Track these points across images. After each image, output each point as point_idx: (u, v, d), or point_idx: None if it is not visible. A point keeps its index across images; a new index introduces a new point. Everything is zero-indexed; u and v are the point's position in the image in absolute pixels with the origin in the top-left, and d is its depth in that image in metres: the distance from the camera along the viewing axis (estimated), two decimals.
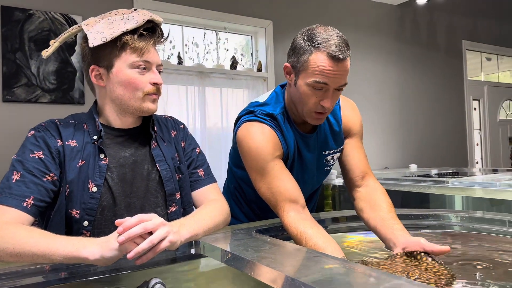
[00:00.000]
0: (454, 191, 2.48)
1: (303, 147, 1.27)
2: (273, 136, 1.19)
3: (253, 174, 1.19)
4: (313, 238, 1.03)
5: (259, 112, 1.21)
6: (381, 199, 1.21)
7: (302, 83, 1.14)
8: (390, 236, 1.08)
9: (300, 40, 1.14)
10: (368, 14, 4.24)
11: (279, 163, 1.18)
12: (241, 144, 1.20)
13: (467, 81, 5.07)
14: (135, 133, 1.19)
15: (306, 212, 1.14)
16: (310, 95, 1.14)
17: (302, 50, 1.12)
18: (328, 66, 1.08)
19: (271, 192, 1.15)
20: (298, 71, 1.15)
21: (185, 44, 3.23)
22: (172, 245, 0.92)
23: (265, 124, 1.19)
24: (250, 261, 0.83)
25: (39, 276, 0.93)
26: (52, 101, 2.55)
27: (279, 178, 1.15)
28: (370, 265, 0.95)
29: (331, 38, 1.10)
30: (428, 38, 4.75)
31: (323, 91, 1.12)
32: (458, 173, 3.79)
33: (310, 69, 1.11)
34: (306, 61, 1.11)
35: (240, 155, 1.22)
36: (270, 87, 3.48)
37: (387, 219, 1.13)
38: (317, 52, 1.09)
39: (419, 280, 0.86)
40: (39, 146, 1.07)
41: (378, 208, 1.18)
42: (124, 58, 1.10)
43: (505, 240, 1.19)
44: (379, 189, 1.26)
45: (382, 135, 4.27)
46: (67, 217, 1.08)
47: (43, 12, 2.54)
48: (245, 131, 1.19)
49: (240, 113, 1.27)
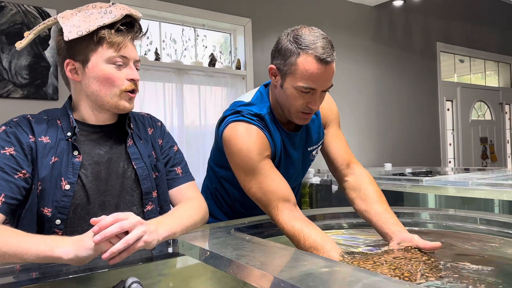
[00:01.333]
0: (428, 189, 2.54)
1: (289, 145, 1.27)
2: (261, 136, 1.18)
3: (242, 174, 1.17)
4: (312, 235, 1.04)
5: (246, 112, 1.20)
6: (370, 188, 1.23)
7: (289, 86, 1.14)
8: (387, 230, 1.12)
9: (286, 41, 1.13)
10: (345, 15, 4.28)
11: (269, 163, 1.17)
12: (228, 144, 1.18)
13: (441, 82, 5.19)
14: (111, 130, 1.17)
15: (298, 210, 1.15)
16: (297, 97, 1.14)
17: (289, 52, 1.11)
18: (316, 70, 1.09)
19: (263, 191, 1.14)
20: (284, 73, 1.14)
21: (163, 40, 3.19)
22: (148, 244, 0.90)
23: (253, 124, 1.18)
24: (229, 259, 0.82)
25: (9, 276, 0.90)
26: (24, 96, 2.48)
27: (270, 177, 1.15)
28: (365, 257, 0.97)
29: (317, 40, 1.10)
30: (404, 39, 4.85)
31: (310, 94, 1.13)
32: (431, 172, 3.89)
33: (298, 73, 1.10)
34: (293, 64, 1.10)
35: (227, 156, 1.21)
36: (248, 85, 3.48)
37: (382, 213, 1.16)
38: (304, 55, 1.09)
39: (407, 268, 0.89)
40: (10, 142, 1.03)
41: (369, 199, 1.21)
42: (101, 53, 1.07)
43: (476, 238, 1.23)
44: (366, 176, 1.28)
45: (358, 134, 4.33)
46: (39, 216, 1.05)
47: (15, 5, 2.46)
48: (233, 131, 1.17)
49: (225, 113, 1.25)
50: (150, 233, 0.91)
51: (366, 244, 1.21)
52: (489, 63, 6.01)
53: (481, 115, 5.80)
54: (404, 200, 3.04)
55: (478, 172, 3.17)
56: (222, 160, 1.31)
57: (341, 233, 1.36)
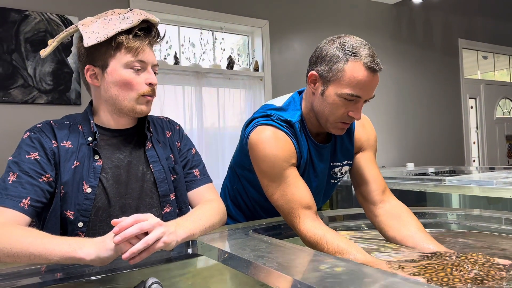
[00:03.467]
0: (451, 189, 2.49)
1: (316, 157, 1.24)
2: (289, 143, 1.15)
3: (265, 180, 1.15)
4: (335, 241, 1.02)
5: (276, 117, 1.17)
6: (409, 218, 1.17)
7: (333, 93, 1.10)
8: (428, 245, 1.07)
9: (332, 48, 1.10)
10: (364, 13, 4.25)
11: (294, 171, 1.15)
12: (254, 148, 1.15)
13: (464, 80, 5.08)
14: (130, 134, 1.19)
15: (319, 219, 1.13)
16: (340, 105, 1.11)
17: (336, 58, 1.08)
18: (364, 78, 1.06)
19: (286, 199, 1.12)
20: (328, 80, 1.11)
21: (182, 44, 3.23)
22: (167, 245, 0.92)
23: (281, 130, 1.15)
24: (246, 260, 0.83)
25: (35, 277, 0.93)
26: (48, 102, 2.55)
27: (294, 185, 1.12)
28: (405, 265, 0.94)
29: (364, 48, 1.08)
30: (424, 37, 4.77)
31: (354, 102, 1.10)
32: (455, 171, 3.80)
33: (344, 79, 1.07)
34: (340, 70, 1.08)
35: (252, 160, 1.18)
36: (267, 87, 3.48)
37: (424, 240, 1.09)
38: (353, 62, 1.06)
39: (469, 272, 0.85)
40: (34, 147, 1.07)
41: (410, 225, 1.14)
42: (119, 58, 1.10)
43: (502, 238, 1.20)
44: (404, 207, 1.21)
45: (379, 134, 4.27)
46: (62, 218, 1.08)
47: (39, 13, 2.54)
48: (260, 135, 1.14)
49: (255, 115, 1.21)
50: (169, 234, 0.93)
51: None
52: None
53: (506, 112, 5.65)
54: (427, 200, 2.99)
55: (504, 171, 3.08)
56: (244, 161, 1.29)
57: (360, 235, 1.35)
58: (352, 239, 1.20)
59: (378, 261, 0.96)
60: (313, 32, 3.76)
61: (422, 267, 0.90)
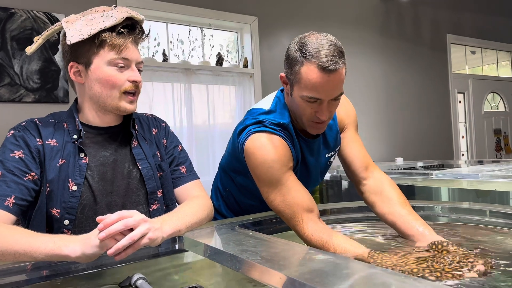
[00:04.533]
0: (438, 183, 2.52)
1: (307, 151, 1.25)
2: (285, 147, 1.15)
3: (265, 187, 1.14)
4: (341, 244, 1.02)
5: (268, 122, 1.16)
6: (391, 192, 1.21)
7: (297, 95, 1.11)
8: (414, 232, 1.09)
9: (293, 49, 1.10)
10: (352, 9, 4.26)
11: (292, 175, 1.15)
12: (251, 156, 1.14)
13: (452, 75, 5.13)
14: (115, 132, 1.19)
15: (322, 222, 1.13)
16: (304, 107, 1.11)
17: (294, 61, 1.09)
18: (319, 79, 1.04)
19: (286, 204, 1.11)
20: (292, 82, 1.12)
21: (170, 41, 3.22)
22: (152, 241, 0.92)
23: (276, 134, 1.15)
24: (231, 254, 0.84)
25: (21, 274, 0.93)
26: (36, 100, 2.53)
27: (294, 189, 1.12)
28: (387, 254, 0.96)
29: (322, 48, 1.05)
30: (413, 32, 4.80)
31: (317, 103, 1.10)
32: (443, 165, 3.84)
33: (302, 82, 1.07)
34: (298, 73, 1.08)
35: (249, 167, 1.17)
36: (256, 83, 3.49)
37: (405, 215, 1.13)
38: (307, 63, 1.05)
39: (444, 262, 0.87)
40: (19, 146, 1.06)
41: (391, 201, 1.18)
42: (102, 55, 1.10)
43: (481, 229, 1.22)
44: (386, 180, 1.25)
45: (368, 129, 4.31)
46: (48, 216, 1.08)
47: (25, 11, 2.52)
48: (256, 143, 1.13)
49: (246, 122, 1.20)
50: (155, 231, 0.93)
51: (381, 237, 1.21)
52: (501, 54, 5.91)
53: (494, 106, 5.72)
54: (416, 194, 3.02)
55: (492, 164, 3.12)
56: (238, 166, 1.29)
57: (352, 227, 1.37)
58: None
59: (362, 255, 0.97)
60: (302, 28, 3.77)
61: (404, 258, 0.92)
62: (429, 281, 0.69)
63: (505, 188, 2.23)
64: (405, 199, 1.19)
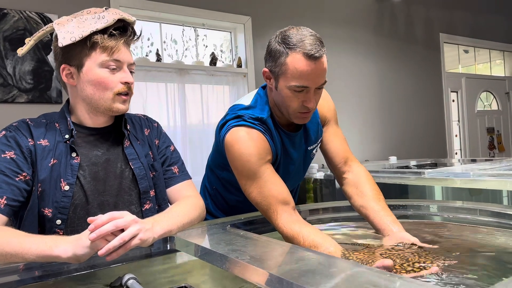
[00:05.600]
0: (431, 181, 2.53)
1: (289, 146, 1.28)
2: (263, 140, 1.18)
3: (243, 179, 1.18)
4: (310, 235, 1.05)
5: (247, 117, 1.20)
6: (367, 186, 1.26)
7: (283, 86, 1.14)
8: (384, 227, 1.14)
9: (275, 43, 1.15)
10: (345, 8, 4.28)
11: (270, 167, 1.18)
12: (230, 149, 1.18)
13: (445, 74, 5.16)
14: (107, 132, 1.20)
15: (297, 214, 1.16)
16: (292, 97, 1.14)
17: (278, 53, 1.13)
18: (306, 67, 1.09)
19: (263, 196, 1.14)
20: (277, 75, 1.15)
21: (164, 41, 3.22)
22: (143, 242, 0.93)
23: (255, 128, 1.18)
24: (221, 254, 0.85)
25: (13, 275, 0.93)
26: (29, 100, 2.53)
27: (271, 181, 1.15)
28: (368, 251, 0.99)
29: (305, 38, 1.10)
30: (406, 31, 4.82)
31: (304, 92, 1.13)
32: (436, 164, 3.86)
33: (289, 72, 1.11)
34: (283, 64, 1.12)
35: (229, 161, 1.21)
36: (250, 83, 3.50)
37: (379, 210, 1.19)
38: (292, 53, 1.10)
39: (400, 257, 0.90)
40: (10, 146, 1.07)
41: (367, 196, 1.23)
42: (94, 57, 1.10)
43: (471, 229, 1.24)
44: (363, 173, 1.31)
45: (362, 128, 4.33)
46: (40, 216, 1.08)
47: (17, 11, 2.51)
48: (235, 136, 1.17)
49: (226, 117, 1.25)
50: (146, 231, 0.94)
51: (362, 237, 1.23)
52: (494, 53, 5.95)
53: (487, 105, 5.76)
54: (409, 193, 3.03)
55: (484, 162, 3.14)
56: (222, 162, 1.32)
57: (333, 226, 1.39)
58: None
59: (337, 252, 1.00)
60: None
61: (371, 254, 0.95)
62: (419, 281, 0.71)
63: (498, 186, 2.25)
64: (379, 194, 1.25)
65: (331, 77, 4.19)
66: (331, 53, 4.07)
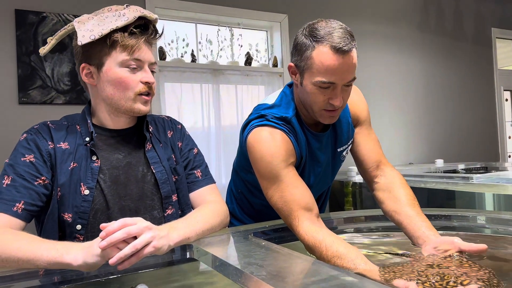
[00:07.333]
0: (480, 188, 2.34)
1: (316, 147, 1.20)
2: (286, 141, 1.12)
3: (264, 182, 1.12)
4: (334, 245, 0.96)
5: (270, 116, 1.14)
6: (401, 191, 1.16)
7: (308, 82, 1.07)
8: (419, 234, 1.04)
9: (301, 36, 1.08)
10: (388, 4, 4.09)
11: (292, 170, 1.11)
12: (252, 150, 1.13)
13: (498, 71, 4.83)
14: (129, 134, 1.16)
15: (320, 222, 1.08)
16: (317, 94, 1.07)
17: (304, 47, 1.05)
18: (333, 62, 1.01)
19: (284, 200, 1.07)
20: (302, 70, 1.08)
21: (199, 42, 3.20)
22: (157, 250, 0.88)
23: (278, 129, 1.12)
24: (235, 267, 0.78)
25: (23, 281, 0.91)
26: (66, 102, 2.58)
27: (293, 185, 1.08)
28: (404, 269, 0.87)
29: (333, 31, 1.02)
30: (454, 27, 4.56)
31: (330, 89, 1.06)
32: (487, 168, 3.62)
33: (314, 67, 1.04)
34: (309, 57, 1.04)
35: (251, 162, 1.16)
36: (286, 82, 3.41)
37: (413, 216, 1.08)
38: (319, 46, 1.02)
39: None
40: (30, 150, 1.05)
41: (400, 201, 1.13)
42: (114, 56, 1.07)
43: None
44: (397, 178, 1.21)
45: (406, 129, 4.13)
46: (60, 221, 1.06)
47: (56, 14, 2.57)
48: (257, 136, 1.12)
49: (250, 117, 1.19)
50: (160, 238, 0.89)
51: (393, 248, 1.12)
52: None
53: None
54: (455, 199, 2.83)
55: None
56: (247, 165, 1.26)
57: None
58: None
59: (373, 270, 0.89)
60: None
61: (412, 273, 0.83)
62: None
63: None
64: (414, 200, 1.14)
65: (372, 76, 4.04)
66: (373, 50, 3.90)
